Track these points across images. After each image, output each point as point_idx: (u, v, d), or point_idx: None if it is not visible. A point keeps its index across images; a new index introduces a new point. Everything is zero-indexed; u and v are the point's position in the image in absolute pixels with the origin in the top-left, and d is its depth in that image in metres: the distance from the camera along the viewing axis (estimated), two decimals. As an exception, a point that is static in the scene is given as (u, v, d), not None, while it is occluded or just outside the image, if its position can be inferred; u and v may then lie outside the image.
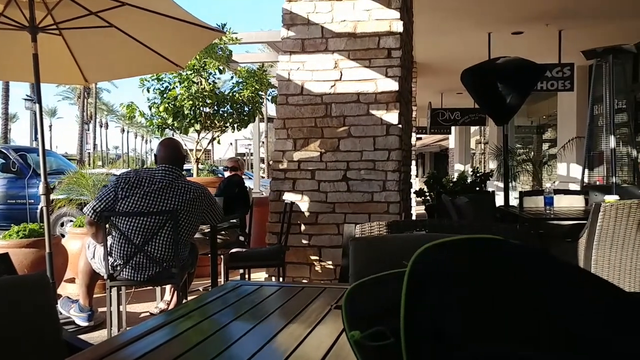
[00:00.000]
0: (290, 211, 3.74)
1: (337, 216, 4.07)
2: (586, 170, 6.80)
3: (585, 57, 6.02)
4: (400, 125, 3.99)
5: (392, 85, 3.96)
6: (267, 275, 4.19)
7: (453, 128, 15.84)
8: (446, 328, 0.45)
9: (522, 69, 4.72)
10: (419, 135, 17.98)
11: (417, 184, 9.90)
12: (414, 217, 7.73)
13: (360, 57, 4.03)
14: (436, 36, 7.74)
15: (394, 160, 3.98)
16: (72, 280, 4.56)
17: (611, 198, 3.23)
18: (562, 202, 4.39)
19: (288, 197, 4.05)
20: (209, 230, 3.67)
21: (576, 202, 4.56)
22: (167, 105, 5.24)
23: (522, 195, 4.59)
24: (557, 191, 4.60)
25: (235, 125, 5.67)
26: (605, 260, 2.81)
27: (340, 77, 4.04)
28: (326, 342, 0.85)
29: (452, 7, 6.43)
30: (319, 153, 4.06)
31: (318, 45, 4.08)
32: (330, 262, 4.04)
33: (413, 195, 6.55)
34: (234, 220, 4.25)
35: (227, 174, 4.69)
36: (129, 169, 3.54)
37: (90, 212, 2.88)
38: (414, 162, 9.84)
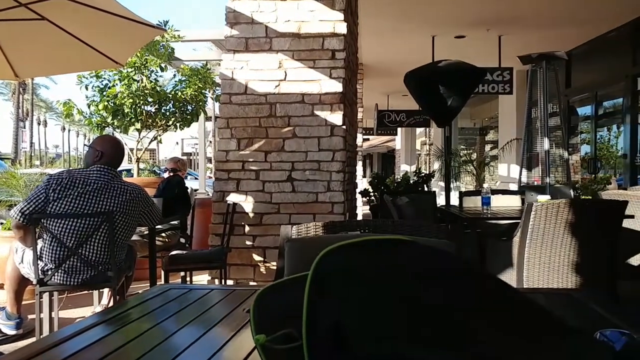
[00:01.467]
0: (233, 212, 3.69)
1: (282, 217, 4.05)
2: (525, 171, 7.08)
3: (522, 62, 6.27)
4: (344, 127, 4.02)
5: (336, 87, 3.99)
6: (209, 278, 4.12)
7: (399, 129, 16.16)
8: (345, 327, 0.45)
9: (462, 72, 4.86)
10: (366, 136, 18.22)
11: (364, 184, 10.01)
12: (360, 217, 7.81)
13: (305, 58, 4.02)
14: (382, 39, 7.87)
15: (338, 161, 4.00)
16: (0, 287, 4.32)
17: (542, 198, 3.37)
18: (500, 202, 4.55)
19: (232, 197, 3.99)
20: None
21: (514, 202, 4.73)
22: (106, 103, 5.05)
23: (462, 195, 4.72)
24: (495, 191, 4.76)
25: (178, 124, 5.54)
26: (537, 258, 2.93)
27: (285, 77, 4.02)
28: (246, 347, 0.83)
29: (398, 11, 6.55)
30: (263, 153, 4.03)
31: (262, 44, 4.05)
32: (274, 263, 4.01)
33: (358, 196, 6.62)
34: (174, 222, 4.14)
35: (166, 174, 4.57)
36: (62, 169, 3.38)
37: (17, 214, 2.73)
38: (360, 163, 9.96)
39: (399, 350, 0.41)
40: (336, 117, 4.00)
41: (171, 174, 4.49)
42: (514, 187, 8.22)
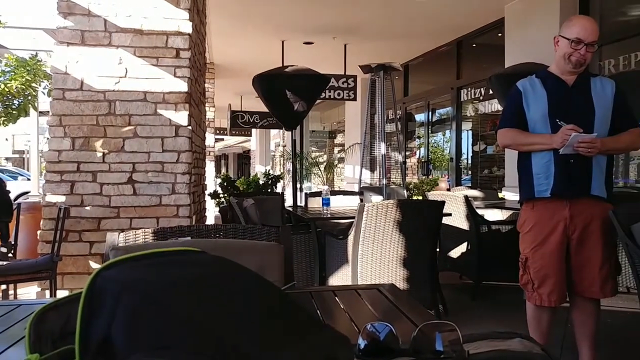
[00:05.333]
0: (64, 217, 3.42)
1: (122, 221, 3.85)
2: (367, 172, 7.59)
3: (362, 71, 6.71)
4: (190, 127, 3.95)
5: (181, 86, 3.90)
6: (39, 289, 3.77)
7: (254, 130, 16.25)
8: (114, 341, 0.46)
9: (307, 79, 5.06)
10: (221, 137, 18.00)
11: (217, 186, 9.89)
12: (211, 220, 7.70)
13: (148, 55, 3.88)
14: (233, 39, 7.86)
15: (184, 162, 3.92)
16: None
17: (375, 199, 3.65)
18: (342, 202, 4.83)
19: (65, 201, 3.70)
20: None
21: (353, 202, 5.04)
22: None
23: (307, 196, 4.93)
24: (336, 192, 5.04)
25: (1, 120, 4.96)
26: (369, 255, 3.17)
27: (126, 74, 3.84)
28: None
29: (246, 13, 6.59)
30: (101, 154, 3.80)
31: (100, 38, 3.81)
32: (114, 270, 3.80)
33: (208, 198, 6.53)
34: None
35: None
36: None
37: None
38: (212, 164, 9.82)
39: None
40: (181, 117, 3.91)
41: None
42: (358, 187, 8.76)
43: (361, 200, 4.87)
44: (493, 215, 4.89)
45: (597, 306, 2.58)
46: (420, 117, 10.07)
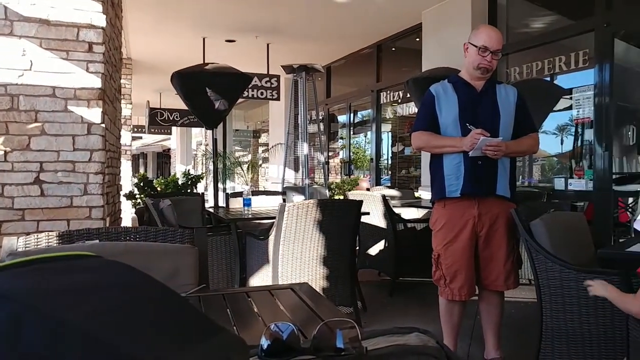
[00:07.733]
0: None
1: (27, 224, 3.61)
2: (291, 172, 7.60)
3: (285, 71, 6.72)
4: (103, 125, 3.77)
5: (95, 82, 3.72)
6: None
7: (174, 129, 15.78)
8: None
9: (229, 77, 4.99)
10: (139, 135, 17.34)
11: (132, 186, 9.51)
12: (128, 222, 7.39)
13: (56, 48, 3.65)
14: (151, 35, 7.60)
15: (97, 162, 3.74)
16: None
17: (297, 199, 3.67)
18: (264, 202, 4.81)
19: (-40, 203, 3.41)
20: None
21: (276, 202, 5.03)
22: None
23: (229, 196, 4.86)
24: (258, 192, 5.01)
25: None
26: (290, 254, 3.18)
27: (31, 67, 3.59)
28: None
29: (167, 9, 6.40)
30: (2, 152, 3.54)
31: (0, 27, 3.54)
32: (17, 277, 3.54)
33: (123, 199, 6.26)
34: None
35: None
36: None
37: None
38: (129, 163, 9.43)
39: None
40: (94, 114, 3.73)
41: None
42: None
43: (284, 200, 4.87)
44: (409, 213, 5.05)
45: (501, 298, 2.76)
46: (342, 118, 10.24)
